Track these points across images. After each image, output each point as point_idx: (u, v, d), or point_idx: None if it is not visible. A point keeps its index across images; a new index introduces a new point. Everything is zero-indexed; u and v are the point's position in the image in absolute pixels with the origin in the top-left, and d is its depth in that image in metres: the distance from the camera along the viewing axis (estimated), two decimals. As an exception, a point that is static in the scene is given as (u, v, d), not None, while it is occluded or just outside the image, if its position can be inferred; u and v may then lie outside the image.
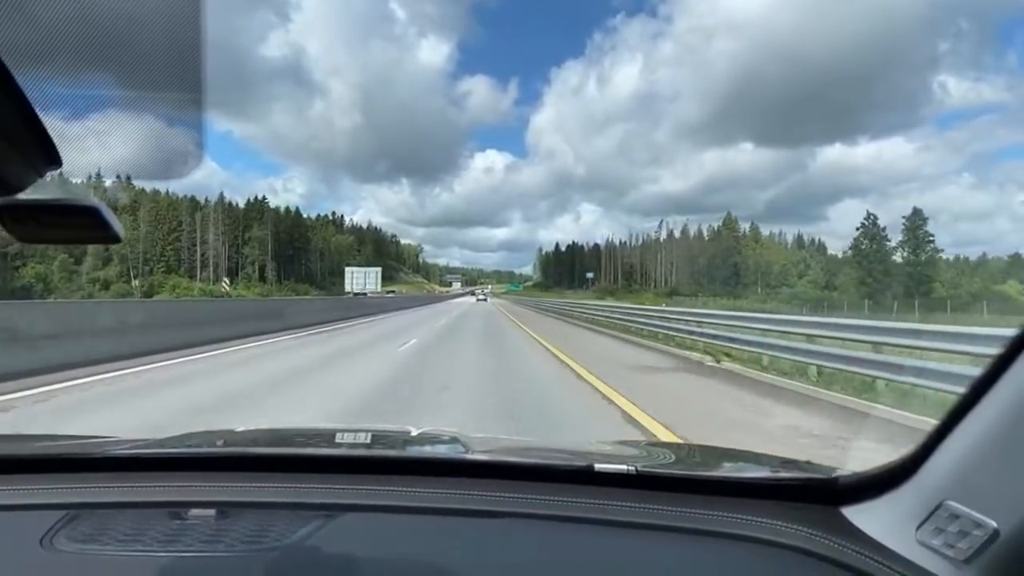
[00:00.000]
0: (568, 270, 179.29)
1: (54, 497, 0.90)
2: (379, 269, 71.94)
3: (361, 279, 68.74)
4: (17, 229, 0.54)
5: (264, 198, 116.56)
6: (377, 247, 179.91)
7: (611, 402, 5.78)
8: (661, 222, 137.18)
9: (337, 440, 1.33)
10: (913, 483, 0.73)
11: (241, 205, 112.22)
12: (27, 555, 0.77)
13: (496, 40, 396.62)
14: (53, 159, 0.48)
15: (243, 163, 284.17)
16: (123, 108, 0.52)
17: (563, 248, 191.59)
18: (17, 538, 0.81)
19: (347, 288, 68.07)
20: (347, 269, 71.12)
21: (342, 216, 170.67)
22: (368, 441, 1.33)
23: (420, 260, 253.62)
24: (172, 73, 0.53)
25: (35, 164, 0.47)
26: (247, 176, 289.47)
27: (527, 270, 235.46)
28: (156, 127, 0.53)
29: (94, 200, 0.53)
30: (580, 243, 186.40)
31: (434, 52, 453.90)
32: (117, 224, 0.55)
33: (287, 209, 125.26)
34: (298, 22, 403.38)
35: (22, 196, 0.50)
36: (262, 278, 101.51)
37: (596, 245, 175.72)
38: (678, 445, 2.39)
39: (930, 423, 0.83)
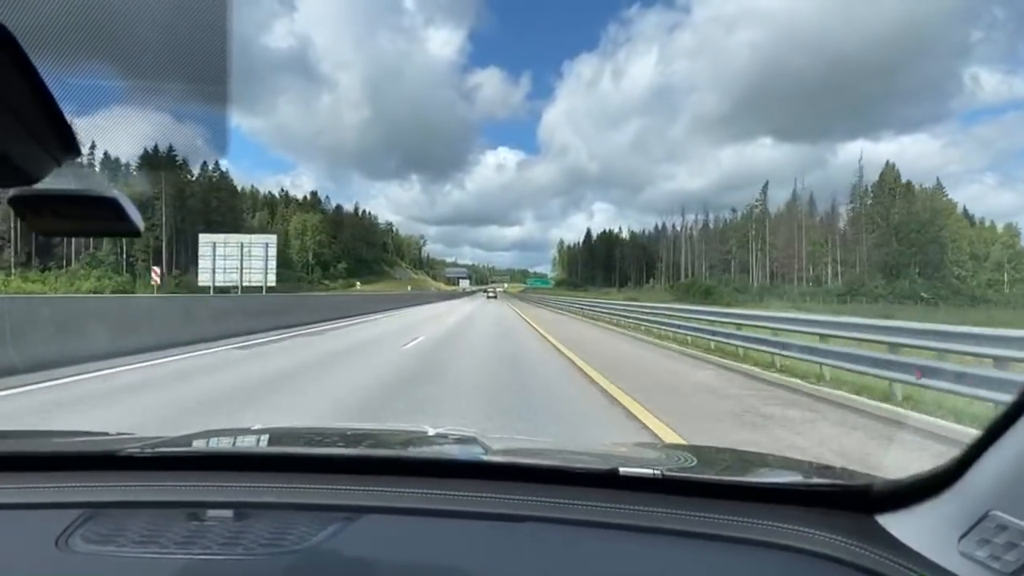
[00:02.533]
0: (603, 265, 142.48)
1: (70, 496, 0.87)
2: (272, 238, 34.39)
3: (234, 259, 32.09)
4: (35, 221, 0.52)
5: (171, 149, 78.83)
6: (363, 235, 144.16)
7: None
8: (766, 185, 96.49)
9: (355, 439, 1.33)
10: (955, 491, 0.69)
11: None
12: (43, 556, 0.74)
13: (508, 31, 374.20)
14: (71, 148, 0.45)
15: (251, 160, 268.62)
16: (143, 98, 0.50)
17: (595, 238, 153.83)
18: (33, 538, 0.79)
19: (201, 278, 32.05)
20: (201, 238, 33.77)
21: (315, 193, 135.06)
22: (386, 441, 1.35)
23: (425, 255, 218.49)
24: (194, 64, 0.51)
25: (53, 153, 0.45)
26: (255, 173, 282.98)
27: (541, 269, 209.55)
28: (177, 117, 0.52)
29: (114, 191, 0.51)
30: (616, 231, 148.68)
31: (444, 43, 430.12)
32: (137, 216, 0.53)
33: (204, 167, 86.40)
34: (304, 11, 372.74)
35: (39, 186, 0.48)
36: (128, 268, 65.24)
37: (644, 233, 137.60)
38: (700, 448, 2.14)
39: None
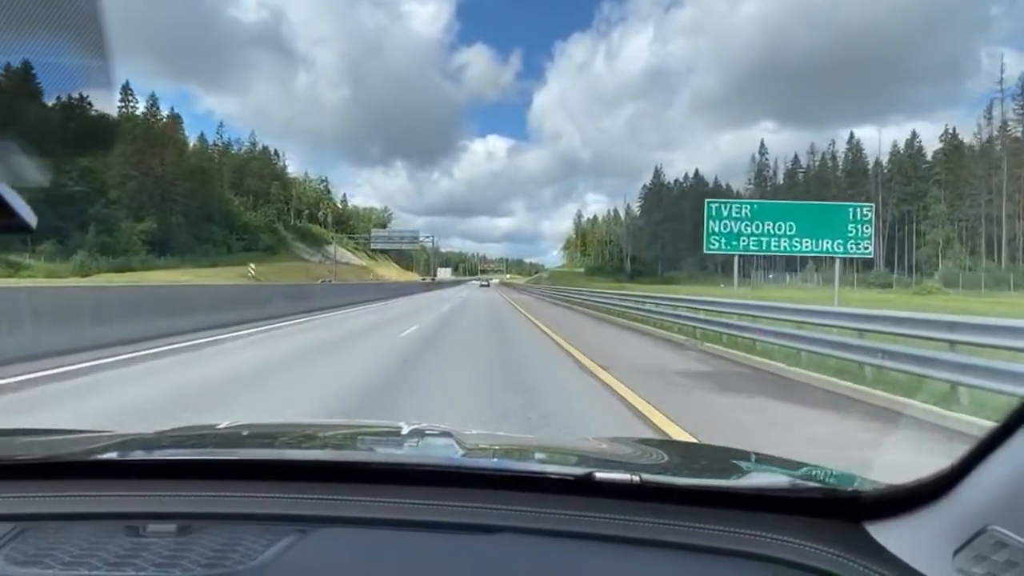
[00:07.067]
0: (671, 236, 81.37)
1: (2, 507, 0.80)
2: None
3: None
4: None
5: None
6: (244, 182, 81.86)
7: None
8: None
9: (319, 441, 1.25)
10: (950, 502, 0.65)
11: None
12: None
13: (495, 7, 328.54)
14: None
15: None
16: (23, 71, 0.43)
17: (661, 184, 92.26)
18: None
19: None
20: None
21: (127, 90, 68.82)
22: (352, 442, 1.27)
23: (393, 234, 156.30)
24: (71, 35, 0.44)
25: None
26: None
27: (535, 260, 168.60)
28: (61, 91, 0.44)
29: None
30: (703, 174, 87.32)
31: (428, 20, 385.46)
32: (26, 210, 0.43)
33: None
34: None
35: None
36: None
37: (795, 163, 76.51)
38: (683, 444, 2.11)
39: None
